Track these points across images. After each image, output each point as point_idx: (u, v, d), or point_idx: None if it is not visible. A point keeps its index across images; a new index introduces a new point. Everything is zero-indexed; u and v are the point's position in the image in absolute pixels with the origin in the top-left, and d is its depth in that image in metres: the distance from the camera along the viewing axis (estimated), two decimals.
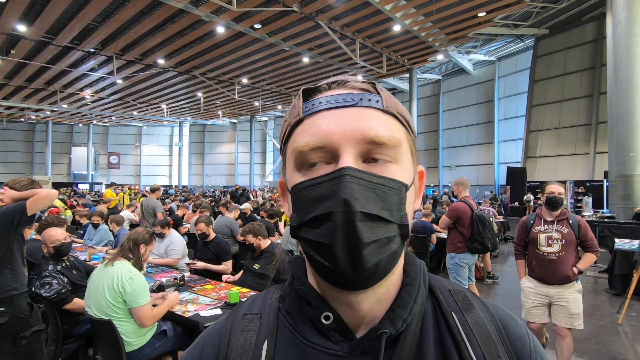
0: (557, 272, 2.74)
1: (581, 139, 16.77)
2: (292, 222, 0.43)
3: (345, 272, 0.39)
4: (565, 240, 2.73)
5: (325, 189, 0.40)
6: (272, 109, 27.79)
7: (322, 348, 0.43)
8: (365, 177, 0.40)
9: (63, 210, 8.19)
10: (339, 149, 0.41)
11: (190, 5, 10.60)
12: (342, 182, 0.39)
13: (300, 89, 0.47)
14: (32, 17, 11.34)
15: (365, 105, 0.43)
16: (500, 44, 19.28)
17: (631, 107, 8.88)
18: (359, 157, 0.42)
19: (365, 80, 0.47)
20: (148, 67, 16.19)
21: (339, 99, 0.43)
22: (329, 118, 0.43)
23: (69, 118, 29.33)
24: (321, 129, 0.42)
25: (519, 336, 0.47)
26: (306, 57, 15.28)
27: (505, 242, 9.47)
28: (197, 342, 0.52)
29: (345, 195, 0.38)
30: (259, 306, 0.51)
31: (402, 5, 11.22)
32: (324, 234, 0.39)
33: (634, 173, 8.93)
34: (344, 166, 0.40)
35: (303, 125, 0.44)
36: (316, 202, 0.41)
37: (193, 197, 15.23)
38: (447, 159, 23.11)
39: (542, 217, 2.88)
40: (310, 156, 0.42)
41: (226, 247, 4.13)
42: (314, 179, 0.42)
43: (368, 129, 0.42)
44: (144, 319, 2.37)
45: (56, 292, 2.62)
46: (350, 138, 0.41)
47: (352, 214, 0.38)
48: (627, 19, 8.90)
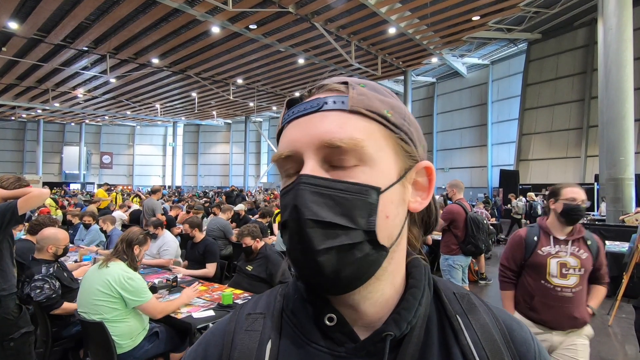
0: (570, 314, 1.96)
1: (573, 142, 16.99)
2: (279, 227, 0.46)
3: (308, 277, 0.41)
4: (584, 269, 1.97)
5: (286, 198, 0.42)
6: (267, 110, 27.73)
7: (326, 349, 0.43)
8: (320, 183, 0.39)
9: (54, 210, 8.08)
10: (302, 156, 0.42)
11: (185, 4, 10.54)
12: (296, 190, 0.40)
13: (286, 99, 0.49)
14: (24, 15, 11.18)
15: (329, 109, 0.42)
16: (494, 47, 19.48)
17: (621, 112, 9.02)
18: (323, 163, 0.41)
19: (342, 79, 0.46)
20: (142, 67, 16.06)
21: (307, 107, 0.44)
22: (296, 127, 0.44)
23: (61, 117, 28.96)
24: (288, 138, 0.44)
25: (524, 340, 0.47)
26: (301, 58, 15.28)
27: (498, 244, 9.54)
28: (201, 341, 0.52)
29: (296, 202, 0.39)
30: (263, 306, 0.51)
31: (397, 8, 11.28)
32: (286, 241, 0.42)
33: (623, 176, 9.06)
34: (301, 174, 0.41)
35: (282, 136, 0.46)
36: (282, 210, 0.43)
37: (187, 197, 15.14)
38: (441, 161, 23.25)
39: (550, 232, 2.05)
40: (284, 165, 0.44)
41: (213, 248, 4.10)
42: (283, 188, 0.44)
43: (324, 134, 0.41)
44: (154, 312, 2.44)
45: (46, 297, 2.57)
46: (310, 144, 0.41)
47: (302, 222, 0.38)
48: (617, 24, 9.05)
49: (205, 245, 4.08)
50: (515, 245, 2.13)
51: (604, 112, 9.43)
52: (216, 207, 6.97)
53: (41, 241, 2.77)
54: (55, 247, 2.75)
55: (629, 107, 9.06)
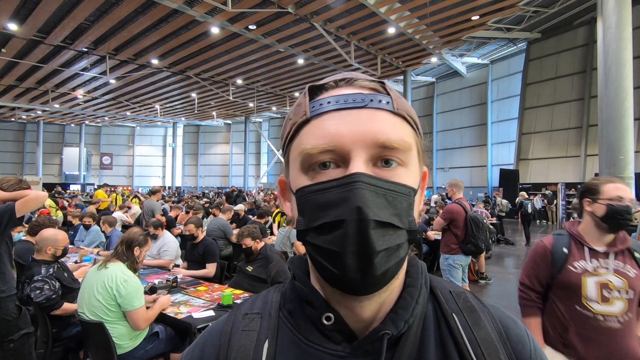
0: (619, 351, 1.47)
1: (572, 141, 16.99)
2: (299, 225, 0.42)
3: (354, 279, 0.39)
4: (633, 290, 1.48)
5: (335, 194, 0.39)
6: (267, 110, 27.71)
7: (323, 348, 0.43)
8: (376, 183, 0.39)
9: (54, 211, 8.08)
10: (350, 152, 0.40)
11: (184, 5, 10.54)
12: (354, 188, 0.38)
13: (307, 86, 0.45)
14: (24, 16, 11.18)
15: (375, 107, 0.42)
16: (494, 47, 19.47)
17: (621, 111, 9.03)
18: (369, 161, 0.41)
19: (374, 79, 0.45)
20: (142, 67, 16.06)
21: (349, 99, 0.42)
22: (337, 119, 0.41)
23: (61, 118, 28.96)
24: (330, 131, 0.41)
25: (519, 338, 0.47)
26: (301, 58, 15.28)
27: (498, 244, 9.55)
28: (198, 341, 0.52)
29: (358, 202, 0.37)
30: (260, 306, 0.51)
31: (396, 8, 11.27)
32: (334, 241, 0.38)
33: (623, 175, 9.06)
34: (355, 172, 0.39)
35: (310, 126, 0.43)
36: (325, 208, 0.40)
37: (187, 198, 15.13)
38: (441, 161, 23.25)
39: (584, 242, 1.58)
40: (318, 159, 0.41)
41: (213, 249, 4.12)
42: (323, 184, 0.40)
43: (379, 133, 0.41)
44: (138, 322, 2.36)
45: (46, 297, 2.58)
46: (361, 141, 0.40)
47: (366, 223, 0.37)
48: (617, 23, 9.06)
49: (205, 246, 4.09)
50: (539, 258, 1.65)
51: (603, 111, 9.44)
52: (216, 208, 6.99)
53: (40, 242, 2.77)
54: (54, 248, 2.75)
55: (629, 106, 9.07)
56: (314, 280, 0.47)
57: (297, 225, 0.43)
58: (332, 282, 0.41)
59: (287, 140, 0.46)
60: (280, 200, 0.53)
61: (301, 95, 0.46)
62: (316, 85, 0.45)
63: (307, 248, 0.42)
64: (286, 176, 0.48)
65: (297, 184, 0.43)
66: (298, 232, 0.43)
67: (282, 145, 0.48)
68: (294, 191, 0.44)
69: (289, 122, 0.46)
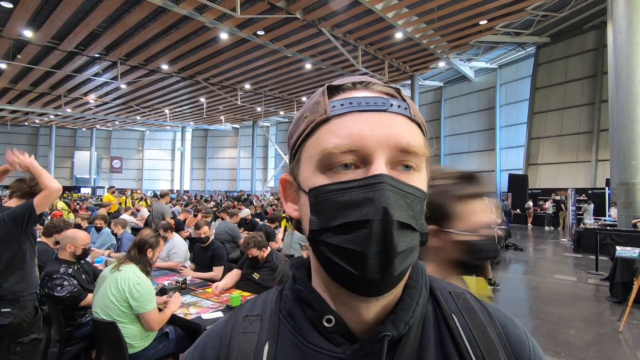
0: None
1: (583, 146, 16.77)
2: (313, 225, 0.42)
3: (372, 279, 0.39)
4: None
5: (358, 194, 0.39)
6: (274, 115, 27.89)
7: (323, 350, 0.43)
8: (397, 185, 0.40)
9: (66, 214, 8.23)
10: (372, 154, 0.40)
11: (194, 12, 10.73)
12: (379, 189, 0.39)
13: (325, 85, 0.45)
14: (39, 23, 11.48)
15: (395, 112, 0.43)
16: (502, 51, 19.37)
17: (632, 116, 8.91)
18: (388, 163, 0.41)
19: (390, 85, 0.46)
20: (152, 73, 16.33)
21: (370, 102, 0.42)
22: (360, 121, 0.41)
23: (73, 122, 29.50)
24: (353, 132, 0.41)
25: (518, 338, 0.48)
26: (308, 63, 15.39)
27: (507, 250, 9.45)
28: (198, 344, 0.52)
29: (384, 203, 0.38)
30: (260, 308, 0.51)
31: (404, 13, 11.32)
32: (356, 241, 0.38)
33: (635, 181, 8.92)
34: (380, 173, 0.39)
35: (330, 125, 0.42)
36: (347, 207, 0.39)
37: (194, 201, 15.26)
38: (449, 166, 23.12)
39: None
40: (339, 159, 0.41)
41: (221, 252, 4.16)
42: (344, 183, 0.40)
43: (400, 137, 0.41)
44: (152, 324, 2.41)
45: (69, 292, 2.66)
46: (383, 144, 0.41)
47: (390, 223, 0.38)
48: (627, 27, 8.97)
49: (214, 250, 4.13)
50: None
51: (614, 116, 9.33)
52: (224, 212, 7.04)
53: (62, 240, 2.83)
54: (74, 246, 2.79)
55: None
56: (315, 282, 0.47)
57: (310, 224, 0.42)
58: (346, 283, 0.41)
59: (301, 138, 0.45)
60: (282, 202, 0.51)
61: (318, 94, 0.45)
62: (334, 85, 0.45)
63: (321, 248, 0.42)
64: (294, 175, 0.47)
65: (311, 183, 0.43)
66: (311, 232, 0.42)
67: (293, 143, 0.47)
68: (305, 190, 0.44)
69: (304, 120, 0.45)
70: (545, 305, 5.21)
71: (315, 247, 0.43)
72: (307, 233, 0.43)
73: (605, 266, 7.00)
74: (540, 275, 6.99)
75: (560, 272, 7.16)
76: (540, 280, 6.60)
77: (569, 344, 3.83)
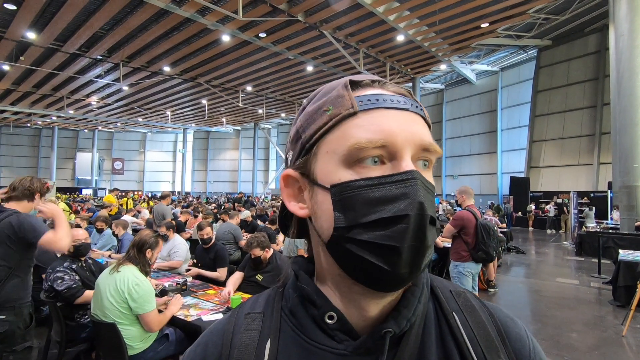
0: None
1: (585, 149, 16.75)
2: (338, 222, 0.40)
3: (401, 274, 0.39)
4: None
5: (391, 189, 0.39)
6: (276, 117, 27.95)
7: (325, 347, 0.44)
8: (425, 182, 0.41)
9: (67, 215, 8.24)
10: (401, 150, 0.41)
11: (196, 14, 10.77)
12: (414, 184, 0.39)
13: (347, 79, 0.45)
14: (42, 25, 11.55)
15: (414, 111, 0.44)
16: (503, 54, 19.40)
17: (634, 119, 8.89)
18: (412, 160, 0.42)
19: (401, 87, 0.47)
20: (154, 75, 16.39)
21: (394, 100, 0.43)
22: (389, 118, 0.42)
23: (75, 124, 29.63)
24: (384, 128, 0.41)
25: (519, 337, 0.48)
26: (310, 65, 15.42)
27: (509, 252, 9.42)
28: (200, 341, 0.52)
29: (420, 198, 0.39)
30: (262, 306, 0.51)
31: (405, 15, 11.34)
32: (393, 236, 0.38)
33: (638, 184, 8.89)
34: (411, 169, 0.40)
35: (359, 120, 0.42)
36: (381, 203, 0.39)
37: (195, 203, 15.27)
38: (450, 168, 23.10)
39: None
40: (370, 153, 0.40)
41: (224, 254, 4.15)
42: (377, 178, 0.40)
43: (424, 135, 0.43)
44: (151, 325, 2.39)
45: (67, 287, 2.67)
46: (410, 141, 0.41)
47: (426, 218, 0.39)
48: (629, 31, 8.97)
49: (216, 251, 4.12)
50: None
51: (616, 119, 9.32)
52: (224, 214, 7.03)
53: None
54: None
55: None
56: (320, 280, 0.48)
57: (336, 221, 0.41)
58: (370, 279, 0.40)
59: (321, 132, 0.43)
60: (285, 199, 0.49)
61: (340, 87, 0.44)
62: (354, 80, 0.45)
63: (346, 246, 0.40)
64: (307, 171, 0.45)
65: (335, 179, 0.41)
66: (336, 230, 0.41)
67: (309, 137, 0.45)
68: (326, 186, 0.42)
69: (326, 114, 0.43)
70: (548, 308, 5.18)
71: (338, 244, 0.41)
72: (326, 230, 0.42)
73: (607, 269, 6.96)
74: (542, 278, 6.96)
75: (562, 275, 7.12)
76: (543, 283, 6.57)
77: (572, 347, 3.80)
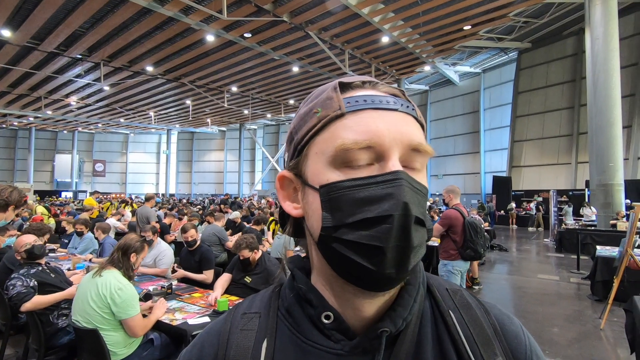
0: None
1: (563, 149, 17.25)
2: (326, 222, 0.41)
3: (388, 274, 0.39)
4: None
5: (377, 190, 0.39)
6: (262, 118, 27.79)
7: (322, 347, 0.44)
8: (412, 182, 0.41)
9: (46, 219, 7.99)
10: (388, 151, 0.41)
11: (180, 13, 10.61)
12: (399, 185, 0.39)
13: (336, 81, 0.45)
14: (18, 23, 11.16)
15: (404, 111, 0.44)
16: (485, 56, 19.81)
17: (610, 119, 9.21)
18: (400, 161, 0.42)
19: (394, 86, 0.47)
20: (136, 74, 16.05)
21: (383, 101, 0.43)
22: (376, 118, 0.42)
23: (53, 125, 28.74)
24: (371, 129, 0.41)
25: (515, 334, 0.48)
26: (296, 66, 15.40)
27: (492, 250, 9.61)
28: (196, 341, 0.52)
29: (404, 198, 0.38)
30: (258, 305, 0.51)
31: (390, 17, 11.45)
32: (376, 236, 0.38)
33: (613, 182, 9.22)
34: (398, 169, 0.40)
35: (346, 121, 0.42)
36: (366, 203, 0.39)
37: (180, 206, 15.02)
38: (435, 168, 23.42)
39: None
40: (356, 155, 0.41)
41: (209, 255, 4.09)
42: (364, 179, 0.40)
43: (413, 135, 0.42)
44: (135, 329, 2.34)
45: (17, 292, 2.59)
46: (398, 142, 0.41)
47: (410, 218, 0.38)
48: (604, 34, 9.29)
49: (202, 253, 4.06)
50: None
51: (593, 119, 9.63)
52: (209, 216, 6.95)
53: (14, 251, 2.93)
54: (19, 254, 2.86)
55: (617, 114, 9.26)
56: (315, 279, 0.48)
57: (323, 221, 0.41)
58: (358, 280, 0.41)
59: (310, 134, 0.44)
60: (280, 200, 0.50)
61: (329, 89, 0.45)
62: (344, 82, 0.45)
63: (334, 245, 0.41)
64: (299, 171, 0.46)
65: (323, 179, 0.42)
66: (323, 229, 0.41)
67: (300, 139, 0.45)
68: (315, 187, 0.43)
69: (315, 115, 0.44)
70: (530, 304, 5.31)
71: (326, 244, 0.42)
72: (316, 230, 0.43)
73: (586, 265, 7.19)
74: (524, 275, 7.13)
75: (543, 272, 7.31)
76: (525, 279, 6.73)
77: (553, 341, 3.91)
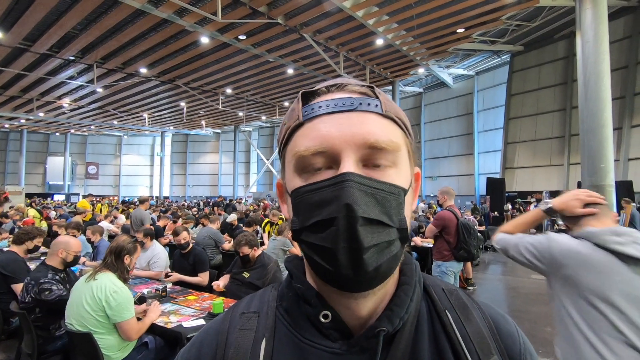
0: None
1: (556, 150, 17.44)
2: (294, 225, 0.43)
3: (347, 275, 0.40)
4: None
5: (326, 193, 0.40)
6: (256, 120, 27.73)
7: (320, 346, 0.44)
8: (365, 182, 0.41)
9: (38, 222, 7.89)
10: (340, 153, 0.42)
11: (174, 15, 10.57)
12: (344, 187, 0.39)
13: (300, 92, 0.47)
14: (9, 24, 11.04)
15: (365, 110, 0.44)
16: (479, 59, 19.99)
17: (600, 121, 9.34)
18: (359, 161, 0.42)
19: (363, 83, 0.47)
20: (130, 76, 15.94)
21: (339, 103, 0.44)
22: (328, 122, 0.43)
23: (46, 127, 28.41)
24: (321, 134, 0.42)
25: (510, 333, 0.49)
26: (290, 68, 15.41)
27: (486, 251, 9.68)
28: (195, 341, 0.52)
29: (347, 200, 0.39)
30: (257, 305, 0.51)
31: (384, 20, 11.52)
32: (326, 238, 0.40)
33: (604, 183, 9.33)
34: (345, 171, 0.40)
35: (303, 129, 0.44)
36: (318, 206, 0.41)
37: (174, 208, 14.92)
38: (429, 170, 23.54)
39: None
40: (311, 161, 0.42)
41: (203, 258, 4.07)
42: (315, 184, 0.42)
43: (368, 134, 0.42)
44: (129, 333, 2.33)
45: (58, 296, 2.60)
46: (350, 143, 0.42)
47: (354, 219, 0.38)
48: (594, 37, 9.43)
49: (195, 255, 4.04)
50: None
51: (584, 121, 9.74)
52: (204, 218, 6.92)
53: (53, 246, 2.80)
54: (66, 252, 2.78)
55: (608, 116, 9.39)
56: (310, 278, 0.48)
57: (292, 225, 0.44)
58: (326, 279, 0.42)
59: (282, 145, 0.47)
60: (280, 205, 0.53)
61: (295, 101, 0.47)
62: (309, 91, 0.47)
63: (302, 247, 0.43)
64: (282, 179, 0.49)
65: (292, 186, 0.44)
66: (293, 232, 0.44)
67: (278, 150, 0.50)
68: (289, 193, 0.45)
69: (284, 127, 0.47)
70: (524, 304, 5.35)
71: (300, 245, 0.44)
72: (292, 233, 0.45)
73: None
74: (518, 275, 7.18)
75: (536, 272, 7.37)
76: (519, 280, 6.79)
77: (546, 341, 3.94)
